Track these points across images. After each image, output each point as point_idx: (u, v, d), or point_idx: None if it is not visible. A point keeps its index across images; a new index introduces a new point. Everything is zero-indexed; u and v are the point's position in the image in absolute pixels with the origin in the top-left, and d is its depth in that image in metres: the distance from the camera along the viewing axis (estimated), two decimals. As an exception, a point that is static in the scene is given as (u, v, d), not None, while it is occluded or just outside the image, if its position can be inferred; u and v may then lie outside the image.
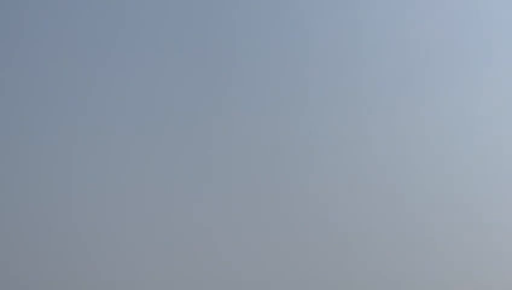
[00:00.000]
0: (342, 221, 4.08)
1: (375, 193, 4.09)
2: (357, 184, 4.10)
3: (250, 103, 4.14)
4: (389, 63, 4.16)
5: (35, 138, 4.08)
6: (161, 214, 4.06)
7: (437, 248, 4.06)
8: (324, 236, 4.07)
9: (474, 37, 4.18)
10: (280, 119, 4.13)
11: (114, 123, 4.11)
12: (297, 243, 4.06)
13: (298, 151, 4.12)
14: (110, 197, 4.06)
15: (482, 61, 4.17)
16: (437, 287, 4.05)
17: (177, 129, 4.11)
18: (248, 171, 4.10)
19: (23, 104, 4.10)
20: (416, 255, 4.06)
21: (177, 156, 4.10)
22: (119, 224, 4.05)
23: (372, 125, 4.13)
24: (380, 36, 4.18)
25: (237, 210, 4.08)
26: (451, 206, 4.08)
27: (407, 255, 4.06)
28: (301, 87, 4.15)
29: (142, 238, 4.05)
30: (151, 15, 4.18)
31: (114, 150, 4.10)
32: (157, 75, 4.15)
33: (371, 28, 4.18)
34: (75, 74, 4.14)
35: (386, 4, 4.20)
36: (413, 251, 4.06)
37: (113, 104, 4.12)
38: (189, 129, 4.12)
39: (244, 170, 4.10)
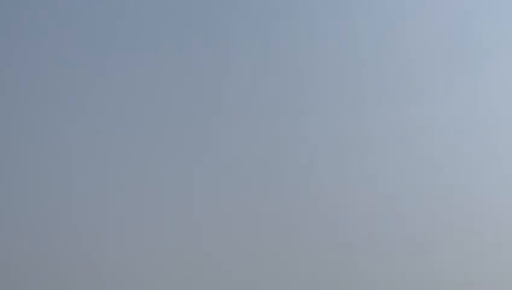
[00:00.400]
0: (341, 221, 4.08)
1: (376, 194, 4.09)
2: (356, 185, 4.10)
3: (250, 104, 4.14)
4: (390, 63, 4.16)
5: (35, 138, 4.08)
6: (160, 214, 4.06)
7: (441, 249, 4.06)
8: (325, 238, 4.07)
9: (474, 37, 4.18)
10: (280, 119, 4.13)
11: (113, 123, 4.10)
12: (297, 245, 4.06)
13: (298, 152, 4.11)
14: (109, 197, 4.06)
15: (483, 62, 4.17)
16: (438, 288, 4.05)
17: (176, 130, 4.11)
18: (248, 172, 4.10)
19: (23, 104, 4.10)
20: (417, 257, 4.06)
21: (176, 157, 4.10)
22: (118, 224, 4.04)
23: (374, 126, 4.13)
24: (381, 36, 4.18)
25: (237, 211, 4.08)
26: (454, 207, 4.09)
27: (408, 258, 4.06)
28: (302, 88, 4.15)
29: (141, 238, 4.05)
30: (151, 15, 4.18)
31: (113, 151, 4.09)
32: (157, 75, 4.15)
33: (371, 29, 4.19)
34: (75, 75, 4.13)
35: (387, 4, 4.20)
36: (415, 253, 4.06)
37: (112, 104, 4.12)
38: (188, 130, 4.11)
39: (244, 170, 4.10)
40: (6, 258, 4.00)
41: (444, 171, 4.10)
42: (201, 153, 4.11)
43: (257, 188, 4.08)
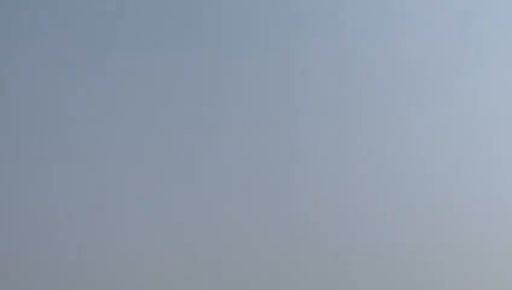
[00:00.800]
0: (342, 222, 4.09)
1: (376, 195, 4.10)
2: (356, 185, 4.11)
3: (248, 107, 4.14)
4: (390, 64, 4.17)
5: (35, 138, 4.09)
6: (160, 215, 4.07)
7: (441, 249, 4.07)
8: (325, 239, 4.07)
9: (474, 37, 4.19)
10: (281, 121, 4.14)
11: (110, 125, 4.11)
12: (297, 247, 4.07)
13: (298, 153, 4.12)
14: (108, 199, 4.06)
15: (483, 62, 4.18)
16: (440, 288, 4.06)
17: (176, 131, 4.11)
18: (247, 174, 4.10)
19: (23, 106, 4.10)
20: (418, 257, 4.06)
21: (176, 158, 4.10)
22: (118, 225, 4.05)
23: (374, 126, 4.13)
24: (381, 36, 4.18)
25: (236, 212, 4.08)
26: (454, 206, 4.09)
27: (408, 258, 4.07)
28: (301, 89, 4.16)
29: (141, 240, 4.05)
30: (150, 18, 4.18)
31: (111, 152, 4.10)
32: (155, 77, 4.15)
33: (371, 29, 4.19)
34: (74, 75, 4.14)
35: (387, 4, 4.21)
36: (416, 252, 4.07)
37: (110, 106, 4.12)
38: (188, 131, 4.12)
39: (244, 173, 4.10)
40: (6, 258, 4.01)
41: (443, 171, 4.10)
42: (200, 154, 4.11)
43: (257, 190, 4.09)
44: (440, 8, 4.21)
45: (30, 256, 4.01)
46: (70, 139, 4.09)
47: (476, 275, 4.05)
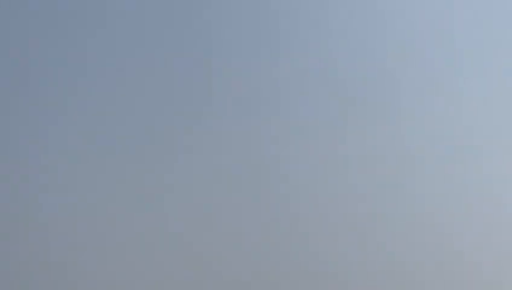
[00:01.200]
0: (338, 224, 4.09)
1: (372, 199, 4.10)
2: (352, 190, 4.11)
3: (248, 108, 4.14)
4: (389, 65, 4.17)
5: (34, 139, 4.09)
6: (156, 215, 4.07)
7: (446, 252, 4.07)
8: (321, 242, 4.07)
9: (474, 37, 4.19)
10: (279, 122, 4.14)
11: (109, 127, 4.11)
12: (284, 252, 4.07)
13: (295, 155, 4.12)
14: (105, 198, 4.06)
15: (483, 62, 4.18)
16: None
17: (172, 131, 4.11)
18: (244, 174, 4.10)
19: (23, 106, 4.10)
20: (417, 260, 4.06)
21: (170, 158, 4.10)
22: (113, 226, 4.05)
23: (373, 125, 4.13)
24: (379, 37, 4.18)
25: (232, 212, 4.08)
26: (455, 207, 4.09)
27: (404, 262, 4.07)
28: (300, 90, 4.16)
29: (136, 239, 4.05)
30: (150, 19, 4.18)
31: (109, 153, 4.10)
32: (153, 79, 4.15)
33: (370, 28, 4.19)
34: (72, 77, 4.14)
35: (387, 4, 4.21)
36: (414, 256, 4.07)
37: (107, 108, 4.12)
38: (181, 131, 4.12)
39: (241, 173, 4.10)
40: (6, 259, 4.00)
41: (443, 171, 4.10)
42: (200, 154, 4.11)
43: (256, 190, 4.09)
44: (439, 8, 4.21)
45: (30, 256, 4.01)
46: (70, 139, 4.09)
47: (476, 275, 4.05)
